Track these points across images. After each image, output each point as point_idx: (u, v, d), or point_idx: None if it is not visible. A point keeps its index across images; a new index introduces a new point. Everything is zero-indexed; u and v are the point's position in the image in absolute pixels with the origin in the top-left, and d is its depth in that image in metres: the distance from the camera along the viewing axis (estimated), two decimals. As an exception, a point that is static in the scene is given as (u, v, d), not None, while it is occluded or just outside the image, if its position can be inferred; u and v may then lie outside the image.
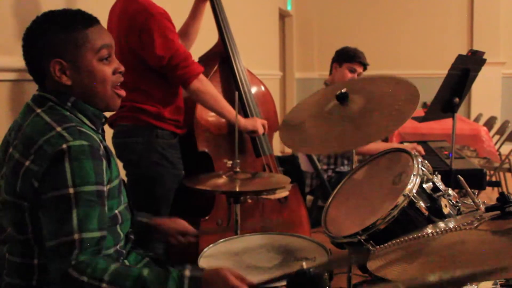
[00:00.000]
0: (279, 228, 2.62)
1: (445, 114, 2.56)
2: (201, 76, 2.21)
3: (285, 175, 3.32)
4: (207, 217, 2.42)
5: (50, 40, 1.32)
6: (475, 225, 1.04)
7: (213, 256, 1.60)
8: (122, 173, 2.29)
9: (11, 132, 1.36)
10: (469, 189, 1.35)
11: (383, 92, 1.79)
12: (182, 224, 1.77)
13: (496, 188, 5.02)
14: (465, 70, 2.44)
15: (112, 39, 1.43)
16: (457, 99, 2.46)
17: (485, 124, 5.70)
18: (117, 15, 2.21)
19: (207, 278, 1.27)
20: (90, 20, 1.37)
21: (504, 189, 4.84)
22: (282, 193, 2.45)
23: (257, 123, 2.45)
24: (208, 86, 2.25)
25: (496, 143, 4.99)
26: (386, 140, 5.18)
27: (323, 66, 3.37)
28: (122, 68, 1.43)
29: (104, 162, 1.31)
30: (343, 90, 1.79)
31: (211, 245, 1.66)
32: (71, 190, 1.21)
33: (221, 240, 1.71)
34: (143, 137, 2.21)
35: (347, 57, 3.26)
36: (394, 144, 3.77)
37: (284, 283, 1.19)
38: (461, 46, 7.34)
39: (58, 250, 1.20)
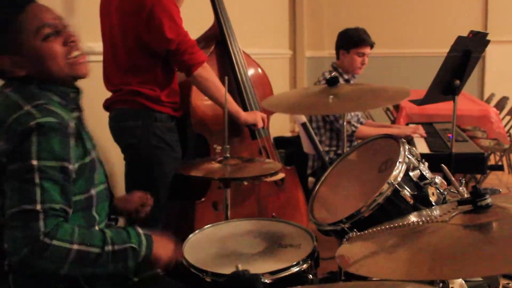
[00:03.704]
0: (275, 211, 2.62)
1: (445, 96, 2.51)
2: (205, 64, 2.23)
3: (287, 157, 3.31)
4: (203, 199, 2.43)
5: None
6: (447, 218, 1.02)
7: (197, 241, 1.60)
8: (120, 157, 2.31)
9: None
10: (452, 178, 1.33)
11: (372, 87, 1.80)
12: (138, 196, 1.77)
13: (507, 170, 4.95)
14: (466, 52, 2.38)
15: (53, 14, 1.37)
16: (457, 81, 2.41)
17: (497, 105, 5.59)
18: None
19: (155, 237, 1.38)
20: (19, 5, 1.32)
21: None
22: (278, 176, 2.45)
23: (258, 117, 2.46)
24: (211, 74, 2.27)
25: (506, 125, 4.89)
26: (393, 121, 5.13)
27: (333, 45, 3.31)
28: (73, 36, 1.38)
29: (72, 140, 1.31)
30: (333, 74, 1.77)
31: (197, 231, 1.66)
32: (34, 162, 1.22)
33: (208, 226, 1.71)
34: (142, 120, 2.21)
35: (353, 42, 3.16)
36: (396, 129, 3.71)
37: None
38: (474, 23, 7.16)
39: (21, 217, 1.20)
